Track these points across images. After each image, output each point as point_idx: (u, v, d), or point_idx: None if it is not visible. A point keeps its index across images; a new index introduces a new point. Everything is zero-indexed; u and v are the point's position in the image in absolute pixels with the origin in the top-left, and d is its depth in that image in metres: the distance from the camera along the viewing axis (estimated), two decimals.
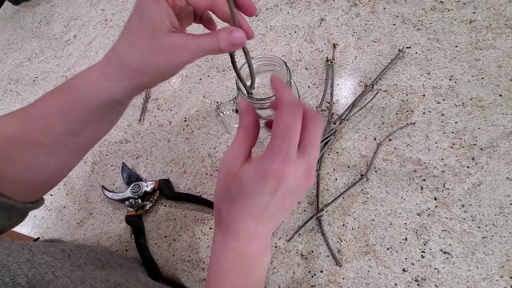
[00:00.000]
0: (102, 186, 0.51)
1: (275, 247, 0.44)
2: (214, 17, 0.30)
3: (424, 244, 0.41)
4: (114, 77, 0.26)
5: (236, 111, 0.42)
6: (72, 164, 0.35)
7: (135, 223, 0.48)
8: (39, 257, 0.33)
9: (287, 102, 0.24)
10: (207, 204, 0.48)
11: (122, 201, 0.50)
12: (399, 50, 0.54)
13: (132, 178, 0.52)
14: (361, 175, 0.46)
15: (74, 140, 0.31)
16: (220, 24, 0.29)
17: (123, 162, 0.54)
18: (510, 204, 0.41)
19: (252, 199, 0.24)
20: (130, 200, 0.49)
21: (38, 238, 0.54)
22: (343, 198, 0.46)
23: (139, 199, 0.49)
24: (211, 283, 0.28)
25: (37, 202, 0.36)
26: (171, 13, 0.25)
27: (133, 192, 0.49)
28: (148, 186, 0.49)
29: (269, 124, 0.28)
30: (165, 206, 0.50)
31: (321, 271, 0.42)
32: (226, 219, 0.27)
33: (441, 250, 0.41)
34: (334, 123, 0.50)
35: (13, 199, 0.31)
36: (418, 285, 0.39)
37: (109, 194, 0.50)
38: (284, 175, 0.23)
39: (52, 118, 0.29)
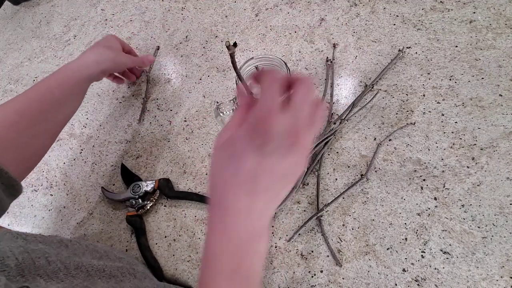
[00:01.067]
0: (102, 187, 0.51)
1: (275, 247, 0.44)
2: None
3: (424, 244, 0.41)
4: (93, 64, 0.48)
5: None
6: (50, 142, 0.46)
7: (136, 223, 0.48)
8: (33, 245, 0.32)
9: (271, 70, 0.25)
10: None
11: (122, 201, 0.50)
12: (399, 50, 0.54)
13: (131, 178, 0.52)
14: (361, 175, 0.46)
15: (63, 109, 0.45)
16: None
17: (122, 163, 0.54)
18: (510, 204, 0.41)
19: (240, 160, 0.23)
20: (131, 200, 0.49)
21: None
22: (343, 198, 0.46)
23: (139, 199, 0.49)
24: (201, 272, 0.25)
25: (16, 192, 0.40)
26: (123, 42, 0.55)
27: (133, 192, 0.49)
28: (148, 186, 0.49)
29: (254, 78, 0.27)
30: (165, 206, 0.50)
31: (321, 271, 0.42)
32: (217, 193, 0.25)
33: (441, 250, 0.41)
34: (334, 123, 0.50)
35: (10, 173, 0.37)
36: (418, 285, 0.39)
37: (109, 195, 0.50)
38: (270, 123, 0.22)
39: (52, 87, 0.43)
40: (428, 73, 0.52)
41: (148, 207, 0.49)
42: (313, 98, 0.24)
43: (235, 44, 0.30)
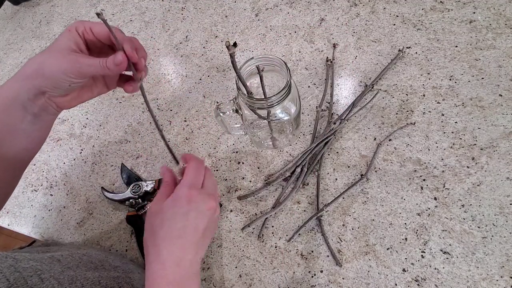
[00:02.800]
0: (102, 187, 0.51)
1: (275, 247, 0.44)
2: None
3: (424, 244, 0.41)
4: (21, 79, 0.31)
5: (237, 111, 0.42)
6: (1, 185, 0.35)
7: (136, 223, 0.48)
8: (24, 263, 0.32)
9: (196, 158, 0.36)
10: None
11: (122, 201, 0.50)
12: (399, 50, 0.54)
13: (131, 178, 0.52)
14: (361, 175, 0.46)
15: None
16: None
17: (122, 163, 0.54)
18: (510, 204, 0.41)
19: (170, 223, 0.31)
20: (131, 200, 0.49)
21: (34, 241, 0.53)
22: (343, 198, 0.46)
23: (139, 199, 0.49)
24: None
25: None
26: (79, 39, 0.32)
27: (133, 192, 0.49)
28: (148, 186, 0.49)
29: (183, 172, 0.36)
30: None
31: (321, 271, 0.42)
32: (152, 252, 0.31)
33: (441, 250, 0.41)
34: (334, 123, 0.50)
35: None
36: (418, 285, 0.39)
37: (109, 195, 0.50)
38: (191, 197, 0.32)
39: None
40: (428, 73, 0.52)
41: (148, 207, 0.49)
42: (214, 179, 0.37)
43: (235, 44, 0.30)
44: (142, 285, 0.40)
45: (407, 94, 0.51)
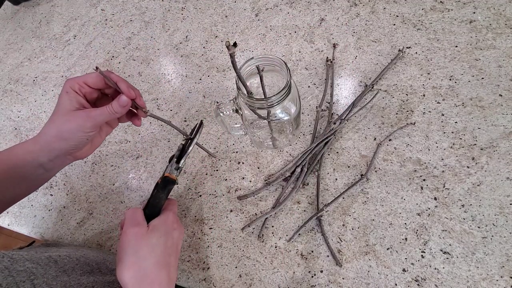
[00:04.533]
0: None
1: (275, 247, 0.44)
2: None
3: (424, 244, 0.41)
4: (41, 144, 0.34)
5: (237, 111, 0.42)
6: None
7: (169, 185, 0.40)
8: (20, 264, 0.33)
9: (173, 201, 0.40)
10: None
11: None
12: (399, 50, 0.54)
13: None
14: (361, 175, 0.46)
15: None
16: None
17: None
18: (510, 204, 0.41)
19: (154, 248, 0.33)
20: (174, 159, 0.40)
21: (34, 241, 0.53)
22: (343, 198, 0.46)
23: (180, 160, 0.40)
24: None
25: None
26: (79, 98, 0.34)
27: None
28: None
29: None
30: None
31: (321, 271, 0.42)
32: (139, 274, 0.33)
33: (441, 250, 0.41)
34: (334, 123, 0.50)
35: None
36: (418, 285, 0.39)
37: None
38: (172, 229, 0.36)
39: None
40: (428, 73, 0.52)
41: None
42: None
43: (235, 44, 0.30)
44: None
45: (407, 94, 0.51)
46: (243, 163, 0.51)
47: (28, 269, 0.33)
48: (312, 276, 0.42)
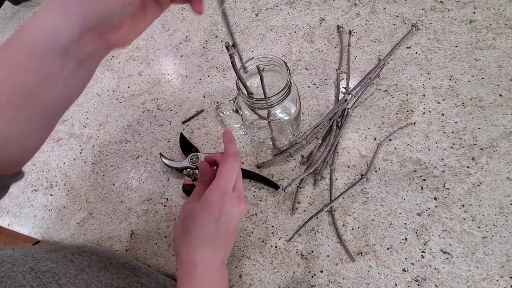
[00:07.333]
0: (160, 153, 0.52)
1: (275, 247, 0.44)
2: None
3: (424, 244, 0.41)
4: (55, 11, 0.22)
5: (237, 111, 0.42)
6: (38, 134, 0.27)
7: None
8: (43, 264, 0.33)
9: (233, 153, 0.33)
10: (269, 183, 0.48)
11: (179, 170, 0.50)
12: (412, 25, 0.55)
13: (189, 149, 0.52)
14: (361, 175, 0.46)
15: (31, 102, 0.24)
16: None
17: (181, 133, 0.54)
18: (510, 204, 0.41)
19: (202, 227, 0.32)
20: (188, 170, 0.50)
21: (38, 241, 0.54)
22: (343, 198, 0.46)
23: (196, 170, 0.49)
24: None
25: (17, 175, 0.29)
26: None
27: (191, 162, 0.49)
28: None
29: (207, 159, 0.38)
30: (164, 206, 0.50)
31: (321, 271, 0.42)
32: (186, 254, 0.32)
33: (441, 250, 0.41)
34: (344, 94, 0.51)
35: None
36: (418, 285, 0.39)
37: (167, 162, 0.51)
38: (223, 203, 0.31)
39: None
40: (428, 73, 0.52)
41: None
42: (241, 177, 0.36)
43: (234, 45, 0.30)
44: (149, 283, 0.40)
45: (407, 94, 0.51)
46: (243, 163, 0.51)
47: (50, 269, 0.33)
48: (312, 276, 0.42)
